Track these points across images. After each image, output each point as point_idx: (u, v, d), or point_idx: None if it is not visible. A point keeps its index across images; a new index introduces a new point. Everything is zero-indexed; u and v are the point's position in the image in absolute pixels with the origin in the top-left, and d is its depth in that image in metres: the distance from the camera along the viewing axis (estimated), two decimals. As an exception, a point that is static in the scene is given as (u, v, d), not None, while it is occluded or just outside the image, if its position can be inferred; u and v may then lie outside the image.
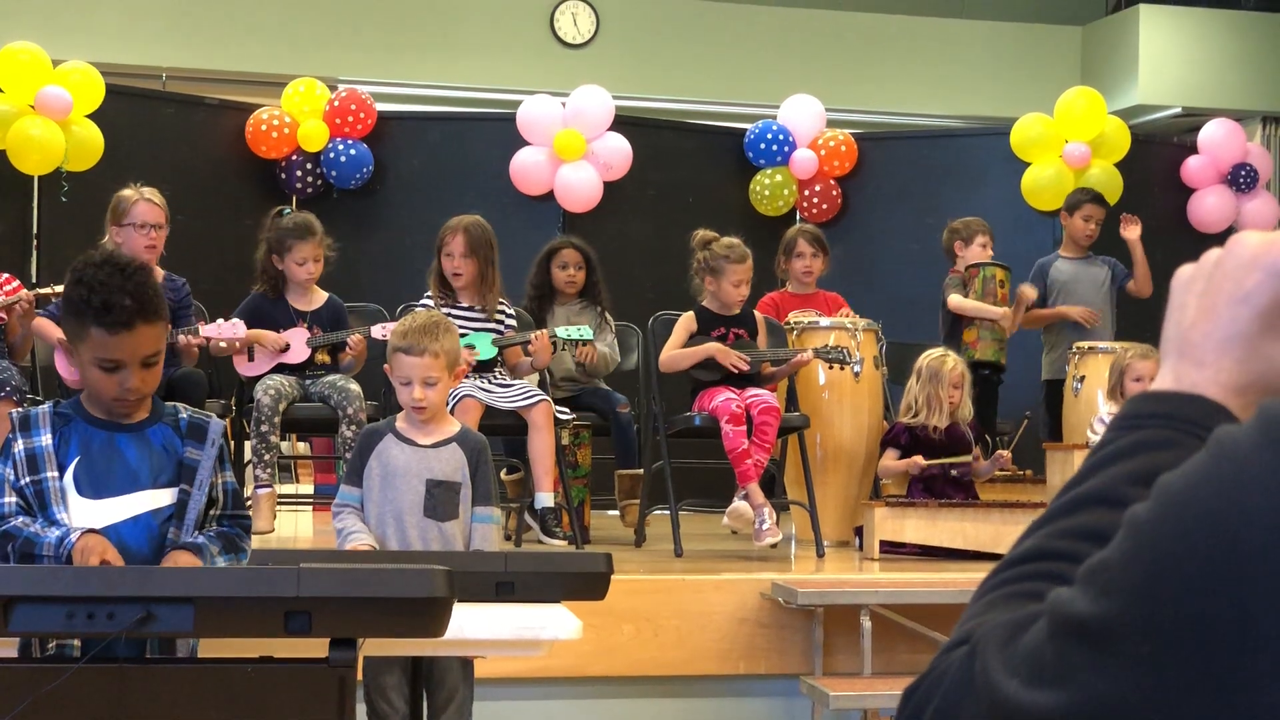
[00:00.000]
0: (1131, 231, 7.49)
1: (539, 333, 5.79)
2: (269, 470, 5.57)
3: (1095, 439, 5.28)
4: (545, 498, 5.63)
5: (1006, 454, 6.19)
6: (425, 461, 3.76)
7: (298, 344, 5.83)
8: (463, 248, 5.76)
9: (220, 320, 5.67)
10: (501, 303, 5.87)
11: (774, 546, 5.53)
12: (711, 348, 5.76)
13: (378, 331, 5.69)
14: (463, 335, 5.54)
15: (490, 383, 5.67)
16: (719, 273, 5.86)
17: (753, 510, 5.52)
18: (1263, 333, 0.92)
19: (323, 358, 5.86)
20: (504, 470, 6.10)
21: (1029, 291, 7.13)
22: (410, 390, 3.74)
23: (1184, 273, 0.98)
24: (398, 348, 3.77)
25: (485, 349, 5.71)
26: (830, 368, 6.15)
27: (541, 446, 5.54)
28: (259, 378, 5.72)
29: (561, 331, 5.89)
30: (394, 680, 3.77)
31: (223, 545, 2.84)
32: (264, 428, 5.53)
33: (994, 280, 6.91)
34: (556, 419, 5.68)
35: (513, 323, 5.89)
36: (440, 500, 3.74)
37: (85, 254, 2.75)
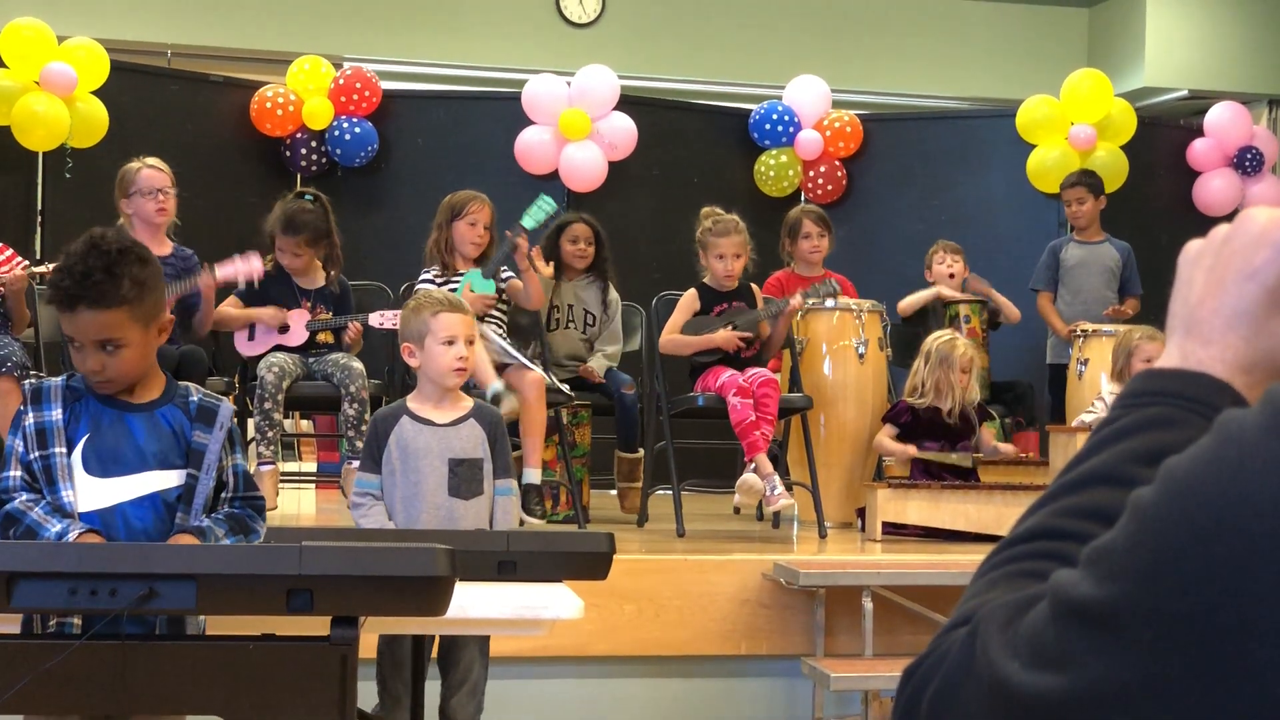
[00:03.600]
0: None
1: (515, 240, 5.73)
2: (272, 448, 5.56)
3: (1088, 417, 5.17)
4: (532, 473, 5.59)
5: (1010, 449, 6.19)
6: (445, 440, 3.74)
7: (297, 326, 5.82)
8: (488, 219, 5.81)
9: (236, 256, 5.68)
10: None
11: (775, 520, 5.52)
12: (718, 338, 5.79)
13: (375, 320, 5.70)
14: (456, 286, 5.63)
15: (495, 333, 5.69)
16: (706, 247, 5.94)
17: (762, 480, 5.53)
18: (1270, 310, 0.92)
19: (325, 337, 5.86)
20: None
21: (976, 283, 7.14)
22: (455, 349, 3.74)
23: (1192, 248, 0.98)
24: (439, 311, 3.77)
25: (480, 284, 5.74)
26: (823, 300, 6.21)
27: (530, 422, 5.54)
28: (260, 357, 5.72)
29: (528, 220, 5.84)
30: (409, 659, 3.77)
31: (230, 527, 2.83)
32: (267, 405, 5.52)
33: (957, 318, 6.94)
34: (559, 394, 5.69)
35: (508, 274, 5.93)
36: (464, 478, 3.72)
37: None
